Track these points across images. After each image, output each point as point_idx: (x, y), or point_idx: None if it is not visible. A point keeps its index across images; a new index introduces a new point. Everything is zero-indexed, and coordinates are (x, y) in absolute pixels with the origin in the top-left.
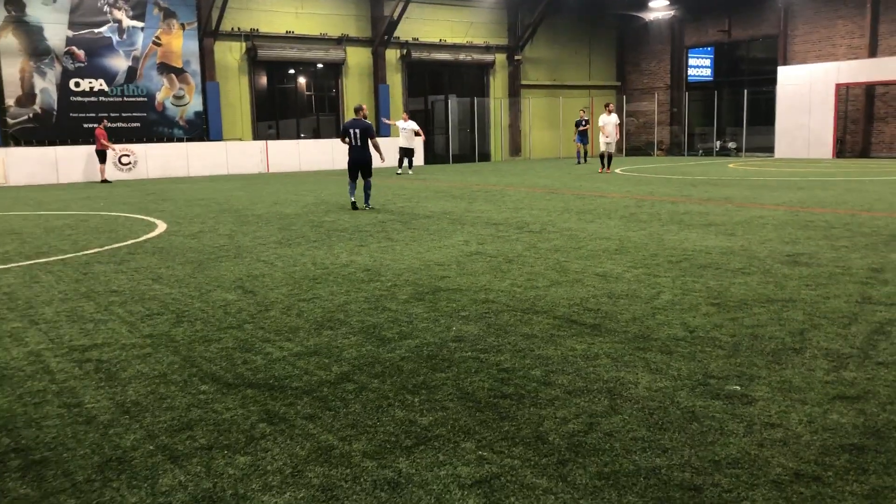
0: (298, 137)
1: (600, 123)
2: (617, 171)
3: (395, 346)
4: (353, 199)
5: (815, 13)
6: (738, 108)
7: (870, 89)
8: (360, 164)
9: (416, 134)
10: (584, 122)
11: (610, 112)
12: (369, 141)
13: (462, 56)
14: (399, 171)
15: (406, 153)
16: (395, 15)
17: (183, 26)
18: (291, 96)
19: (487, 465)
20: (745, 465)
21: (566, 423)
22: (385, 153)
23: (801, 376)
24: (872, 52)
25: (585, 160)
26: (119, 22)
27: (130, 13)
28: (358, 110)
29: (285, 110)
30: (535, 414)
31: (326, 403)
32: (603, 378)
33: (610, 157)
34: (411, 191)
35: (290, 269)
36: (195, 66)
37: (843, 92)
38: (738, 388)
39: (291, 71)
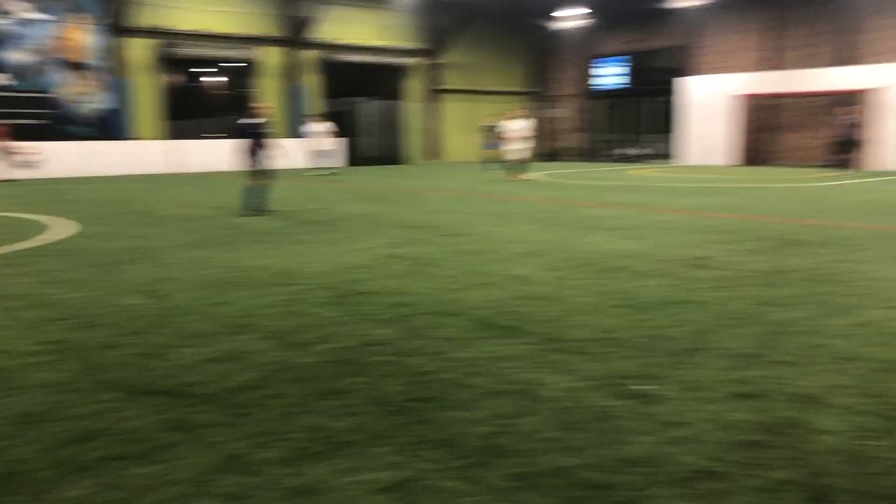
0: (212, 137)
1: (501, 130)
2: (532, 176)
3: (309, 350)
4: (258, 208)
5: (720, 26)
6: (646, 116)
7: (770, 100)
8: (259, 164)
9: (330, 136)
10: (495, 129)
11: (517, 117)
12: (265, 142)
13: (380, 59)
14: (315, 174)
15: (321, 155)
16: (310, 15)
17: (91, 21)
18: (201, 95)
19: (402, 470)
20: (652, 463)
21: (481, 425)
22: (297, 155)
23: (705, 375)
24: (773, 65)
25: (494, 168)
26: (22, 15)
27: (35, 6)
28: (254, 109)
29: (198, 110)
30: (451, 417)
31: (238, 410)
32: (518, 380)
33: (521, 163)
34: (327, 193)
35: (201, 272)
36: (104, 62)
37: (745, 102)
38: (645, 387)
39: (204, 69)
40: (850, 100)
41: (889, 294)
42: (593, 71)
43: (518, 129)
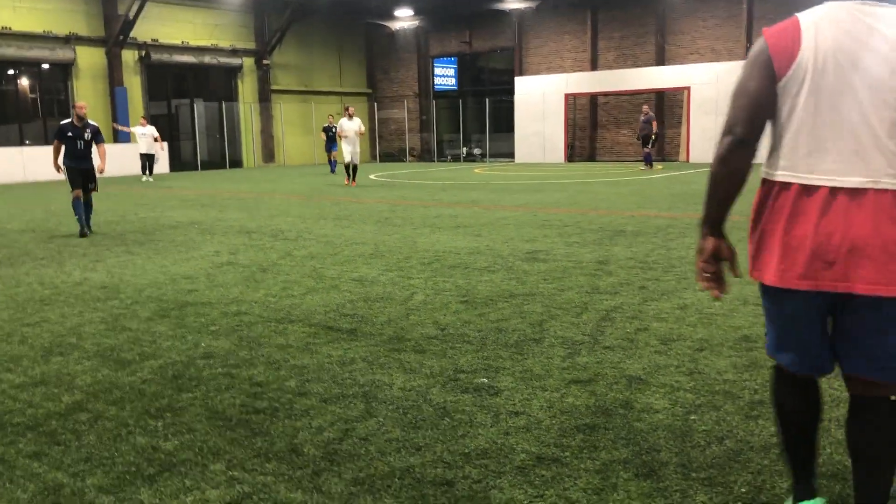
0: (22, 144)
1: (339, 130)
2: (371, 176)
3: (136, 368)
4: (84, 224)
5: (544, 28)
6: (481, 116)
7: (593, 99)
8: (87, 173)
9: (155, 140)
10: (333, 129)
11: (351, 116)
12: (96, 147)
13: (207, 59)
14: (144, 179)
15: (146, 159)
16: (131, 14)
17: None
18: (12, 99)
19: (239, 486)
20: (493, 455)
21: (321, 433)
22: (121, 160)
23: (541, 364)
24: (594, 66)
25: (334, 169)
26: None
27: None
28: (80, 109)
29: (5, 115)
30: (290, 426)
31: (55, 438)
32: (359, 382)
33: (355, 168)
34: (154, 200)
35: (12, 290)
36: None
37: (572, 101)
38: (485, 380)
39: (11, 71)
40: (651, 98)
41: None
42: (431, 71)
43: (350, 129)
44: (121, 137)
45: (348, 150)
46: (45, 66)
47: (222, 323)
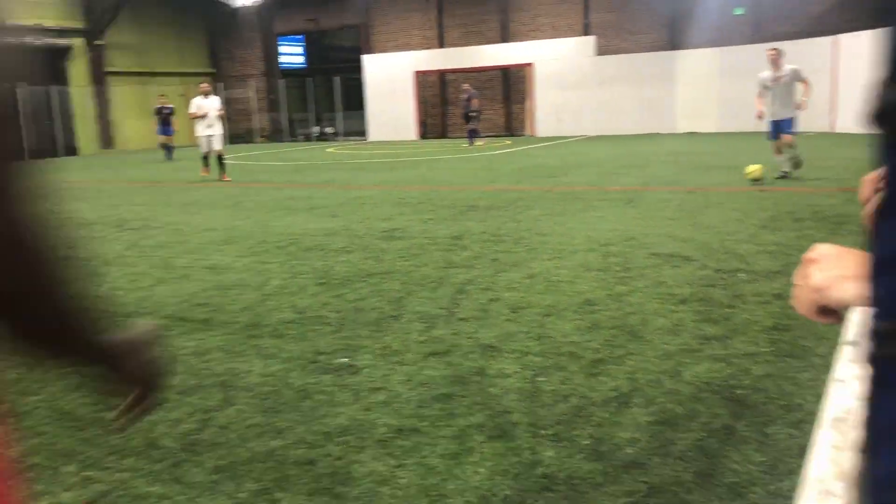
0: None
1: (194, 109)
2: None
3: None
4: None
5: (391, 5)
6: (332, 95)
7: (442, 76)
8: None
9: None
10: (165, 110)
11: (207, 94)
12: None
13: (31, 40)
14: None
15: None
16: None
17: None
18: None
19: (95, 485)
20: (354, 431)
21: (179, 425)
22: None
23: (400, 340)
24: (441, 43)
25: (171, 155)
26: None
27: None
28: None
29: None
30: (146, 421)
31: None
32: (216, 372)
33: (220, 158)
34: None
35: None
36: None
37: (422, 79)
38: (345, 360)
39: None
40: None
41: (549, 248)
42: (278, 49)
43: (212, 108)
44: None
45: (206, 136)
46: None
47: None
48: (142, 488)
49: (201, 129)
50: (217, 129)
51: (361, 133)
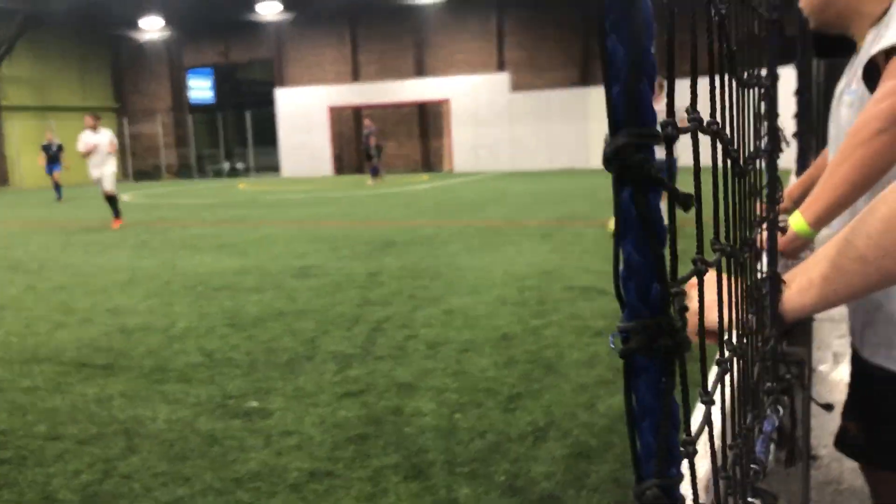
0: None
1: (81, 146)
2: (124, 197)
3: None
4: None
5: (304, 39)
6: (243, 129)
7: (357, 111)
8: None
9: None
10: (53, 148)
11: (96, 128)
12: None
13: None
14: None
15: None
16: None
17: None
18: None
19: None
20: (265, 476)
21: (79, 476)
22: None
23: (313, 381)
24: (356, 77)
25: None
26: None
27: None
28: None
29: None
30: (42, 473)
31: None
32: (119, 419)
33: (112, 199)
34: None
35: None
36: None
37: (337, 114)
38: (255, 403)
39: None
40: (369, 114)
41: (468, 283)
42: (186, 83)
43: (101, 143)
44: None
45: (97, 174)
46: None
47: None
48: None
49: (92, 169)
50: (108, 168)
51: (274, 168)
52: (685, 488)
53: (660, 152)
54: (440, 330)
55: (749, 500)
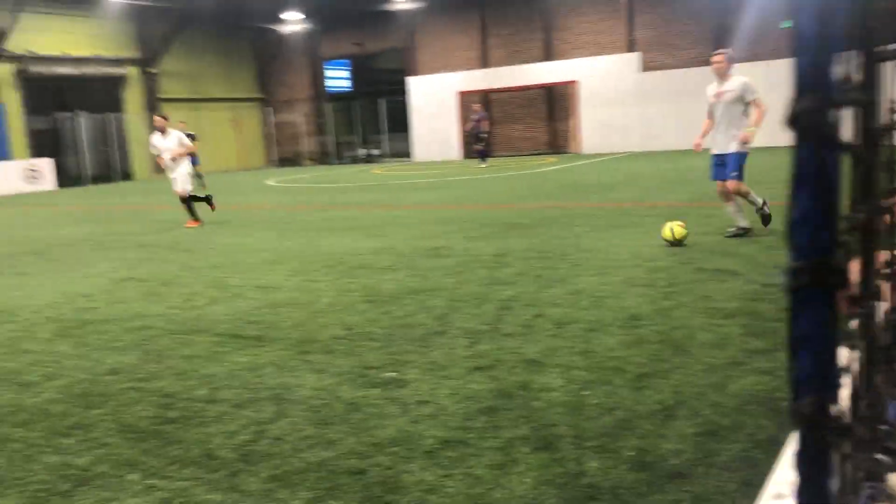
0: None
1: (154, 152)
2: (269, 182)
3: (41, 388)
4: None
5: (435, 27)
6: (377, 117)
7: (485, 96)
8: None
9: None
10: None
11: (164, 130)
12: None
13: (90, 70)
14: None
15: None
16: (5, 26)
17: None
18: None
19: (157, 492)
20: (402, 442)
21: (235, 436)
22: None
23: (445, 355)
24: (484, 63)
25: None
26: None
27: None
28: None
29: None
30: (203, 433)
31: None
32: (269, 386)
33: (188, 200)
34: (42, 218)
35: None
36: None
37: (465, 99)
38: (393, 374)
39: None
40: (481, 99)
41: (595, 264)
42: (324, 73)
43: (167, 149)
44: None
45: (172, 175)
46: None
47: (126, 339)
48: (201, 496)
49: (169, 174)
50: (181, 169)
51: (406, 154)
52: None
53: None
54: (567, 309)
55: (877, 456)
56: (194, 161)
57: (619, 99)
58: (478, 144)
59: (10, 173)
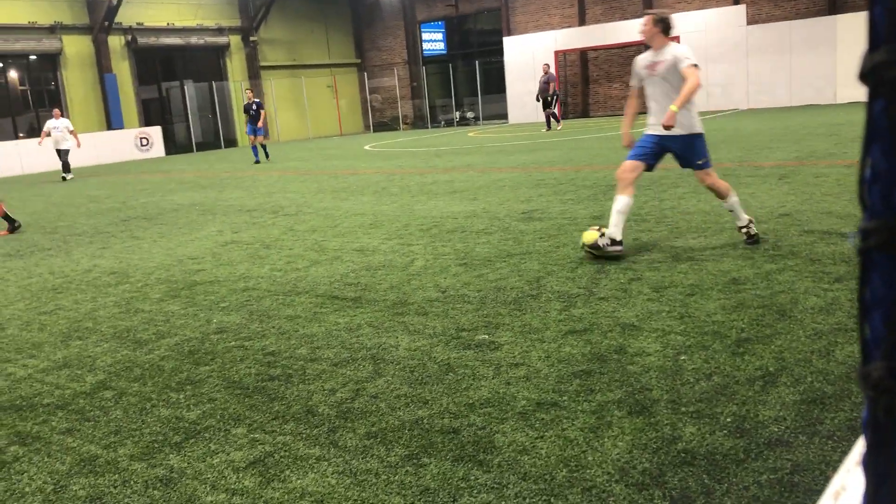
0: (16, 137)
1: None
2: (366, 147)
3: (153, 346)
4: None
5: None
6: (472, 79)
7: (583, 55)
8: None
9: (70, 132)
10: (254, 107)
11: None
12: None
13: (194, 39)
14: (67, 178)
15: (63, 156)
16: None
17: None
18: (3, 93)
19: (261, 446)
20: (496, 403)
21: (334, 394)
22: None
23: (539, 318)
24: (581, 21)
25: (266, 155)
26: None
27: None
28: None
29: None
30: (304, 390)
31: (84, 415)
32: (366, 346)
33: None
34: (153, 184)
35: (25, 282)
36: None
37: (562, 58)
38: (486, 336)
39: (3, 63)
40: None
41: (694, 226)
42: (419, 37)
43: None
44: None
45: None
46: (33, 57)
47: (232, 299)
48: (302, 450)
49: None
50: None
51: (502, 116)
52: None
53: None
54: (665, 273)
55: None
56: (259, 131)
57: (722, 54)
58: (547, 108)
59: (123, 141)
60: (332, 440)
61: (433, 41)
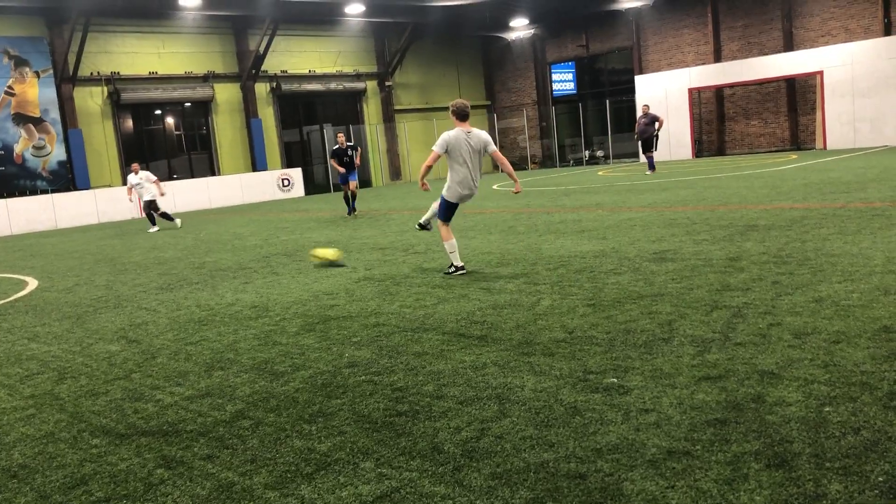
0: (171, 178)
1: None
2: (494, 186)
3: (289, 378)
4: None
5: (663, 24)
6: (602, 118)
7: (718, 92)
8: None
9: (153, 184)
10: (348, 153)
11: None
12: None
13: (333, 85)
14: (151, 230)
15: (150, 207)
16: (261, 49)
17: (37, 74)
18: (160, 137)
19: (387, 481)
20: (624, 450)
21: (459, 432)
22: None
23: (670, 363)
24: (717, 58)
25: (353, 208)
26: None
27: None
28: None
29: (154, 152)
30: (430, 427)
31: (223, 442)
32: (492, 385)
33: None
34: (293, 223)
35: (174, 313)
36: (54, 114)
37: (696, 96)
38: (615, 380)
39: (158, 111)
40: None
41: (841, 269)
42: (549, 77)
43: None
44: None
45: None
46: (188, 104)
47: (363, 334)
48: (428, 487)
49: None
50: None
51: (632, 154)
52: None
53: None
54: (808, 318)
55: None
56: (352, 176)
57: (872, 88)
58: (648, 151)
59: (267, 182)
60: (457, 479)
61: (563, 81)
